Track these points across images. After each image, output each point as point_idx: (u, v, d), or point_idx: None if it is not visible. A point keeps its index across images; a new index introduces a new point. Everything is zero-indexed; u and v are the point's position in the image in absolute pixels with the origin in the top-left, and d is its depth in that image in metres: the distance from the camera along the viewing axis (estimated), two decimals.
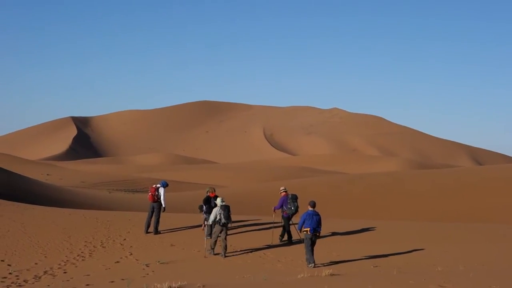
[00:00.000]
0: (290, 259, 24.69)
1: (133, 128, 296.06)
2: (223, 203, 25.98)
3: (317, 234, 23.75)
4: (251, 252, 26.17)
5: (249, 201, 34.28)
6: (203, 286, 17.33)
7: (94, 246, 27.89)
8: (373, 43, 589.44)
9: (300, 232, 24.21)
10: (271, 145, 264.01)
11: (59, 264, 24.74)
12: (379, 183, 62.74)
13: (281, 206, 28.48)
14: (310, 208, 24.11)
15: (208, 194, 28.54)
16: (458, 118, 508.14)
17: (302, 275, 19.21)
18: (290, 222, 28.08)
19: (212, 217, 25.83)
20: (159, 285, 17.14)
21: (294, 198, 28.33)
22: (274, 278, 19.78)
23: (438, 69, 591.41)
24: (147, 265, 24.13)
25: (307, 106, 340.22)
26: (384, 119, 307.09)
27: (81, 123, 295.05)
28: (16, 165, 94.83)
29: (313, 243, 23.59)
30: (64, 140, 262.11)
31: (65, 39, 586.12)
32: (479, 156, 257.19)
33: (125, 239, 29.11)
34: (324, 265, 23.25)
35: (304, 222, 23.72)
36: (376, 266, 22.35)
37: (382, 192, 58.11)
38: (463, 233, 30.52)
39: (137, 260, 25.32)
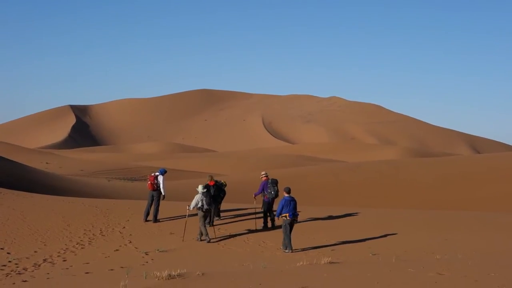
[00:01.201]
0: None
1: (132, 116, 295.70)
2: (204, 190, 26.68)
3: (295, 219, 24.57)
4: (250, 240, 26.24)
5: (249, 190, 34.31)
6: (202, 274, 17.36)
7: (93, 234, 27.94)
8: (372, 32, 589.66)
9: (279, 218, 24.80)
10: (270, 133, 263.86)
11: (59, 252, 24.78)
12: (378, 172, 62.80)
13: (262, 191, 29.06)
14: (286, 194, 24.75)
15: (208, 182, 28.75)
16: (457, 106, 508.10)
17: (301, 263, 19.25)
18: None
19: (193, 203, 26.55)
20: (158, 273, 17.17)
21: (274, 182, 29.03)
22: (273, 266, 19.81)
23: (436, 58, 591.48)
24: (146, 253, 24.18)
25: (306, 95, 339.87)
26: (382, 107, 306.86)
27: (80, 111, 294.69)
28: (15, 153, 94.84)
29: (291, 227, 24.35)
30: (63, 128, 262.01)
31: (64, 28, 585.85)
32: (477, 145, 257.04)
33: (124, 227, 29.16)
34: (304, 250, 23.95)
35: (282, 208, 24.41)
36: (375, 254, 22.38)
37: (381, 181, 58.18)
38: (462, 222, 30.54)
39: (136, 248, 25.37)
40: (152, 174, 30.60)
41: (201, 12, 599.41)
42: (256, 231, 27.90)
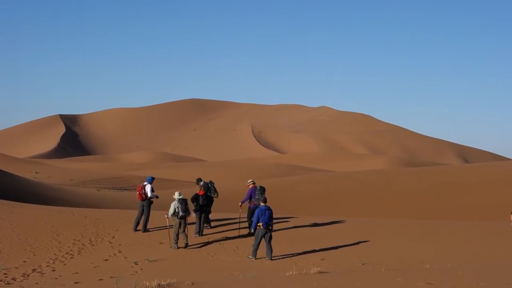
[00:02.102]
0: (278, 257, 24.76)
1: (121, 126, 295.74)
2: (181, 197, 27.35)
3: (270, 228, 24.78)
4: (239, 249, 26.28)
5: (238, 199, 34.33)
6: (192, 284, 17.36)
7: (82, 244, 27.89)
8: (361, 41, 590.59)
9: (255, 229, 24.91)
10: (260, 143, 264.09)
11: (48, 262, 24.72)
12: (367, 181, 62.90)
13: (249, 198, 29.19)
14: (262, 204, 25.18)
15: (198, 192, 28.82)
16: (447, 116, 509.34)
17: (290, 273, 19.27)
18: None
19: (171, 210, 27.10)
20: (148, 283, 17.14)
21: (262, 190, 28.87)
22: (262, 276, 19.82)
23: (426, 67, 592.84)
24: (136, 263, 24.16)
25: (295, 104, 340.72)
26: (372, 117, 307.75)
27: (69, 121, 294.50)
28: (4, 163, 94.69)
29: (269, 237, 24.68)
30: (53, 138, 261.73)
31: (53, 37, 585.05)
32: (467, 154, 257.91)
33: (113, 237, 29.12)
34: (272, 259, 24.32)
35: (258, 218, 24.67)
36: (365, 264, 22.43)
37: (370, 190, 58.27)
38: (452, 231, 30.63)
39: (125, 258, 25.34)
40: (141, 184, 30.58)
41: (190, 22, 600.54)
42: (245, 240, 27.91)
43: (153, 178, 30.96)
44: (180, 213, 27.01)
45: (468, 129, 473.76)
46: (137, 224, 30.16)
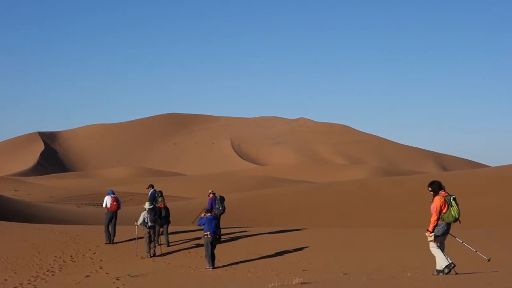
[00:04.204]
0: (260, 268, 24.78)
1: (100, 142, 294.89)
2: (150, 207, 28.43)
3: (217, 237, 25.87)
4: (221, 262, 26.27)
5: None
6: None
7: (63, 260, 27.80)
8: (336, 53, 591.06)
9: (199, 225, 26.57)
10: (239, 156, 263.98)
11: (29, 280, 24.60)
12: (347, 191, 62.96)
13: (211, 207, 30.27)
14: (208, 214, 26.18)
15: (158, 205, 30.55)
16: (424, 125, 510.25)
17: (272, 284, 19.27)
18: None
19: (140, 219, 28.09)
20: None
21: (222, 199, 30.93)
22: None
23: (402, 78, 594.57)
24: (117, 279, 24.09)
25: (274, 117, 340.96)
26: (350, 127, 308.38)
27: (48, 138, 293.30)
28: None
29: (213, 246, 25.50)
30: (32, 155, 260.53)
31: (28, 53, 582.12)
32: (445, 162, 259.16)
33: (95, 253, 29.06)
34: (224, 266, 25.14)
35: (205, 223, 25.82)
36: (346, 274, 22.47)
37: (351, 200, 58.31)
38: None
39: (107, 273, 25.28)
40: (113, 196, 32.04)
41: (167, 36, 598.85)
42: (227, 252, 27.91)
43: (112, 192, 32.46)
44: (149, 223, 27.86)
45: (445, 137, 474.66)
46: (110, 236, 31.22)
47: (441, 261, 18.76)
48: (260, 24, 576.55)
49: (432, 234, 18.70)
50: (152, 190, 32.42)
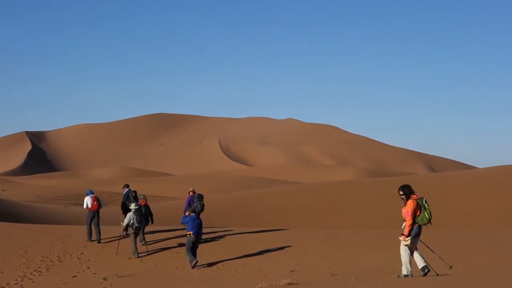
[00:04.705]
0: (248, 269, 24.76)
1: (88, 142, 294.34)
2: (136, 207, 28.45)
3: (199, 237, 26.12)
4: (208, 263, 26.26)
5: (206, 212, 34.38)
6: None
7: (51, 260, 27.72)
8: (325, 53, 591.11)
9: (184, 225, 26.92)
10: (227, 156, 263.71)
11: (16, 280, 24.52)
12: (335, 192, 63.00)
13: (189, 205, 30.89)
14: (193, 213, 26.55)
15: (140, 202, 30.22)
16: (412, 126, 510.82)
17: (260, 285, 19.26)
18: None
19: (126, 221, 28.17)
20: None
21: (200, 197, 31.44)
22: None
23: (391, 79, 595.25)
24: (105, 279, 24.04)
25: (262, 117, 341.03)
26: (338, 128, 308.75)
27: (35, 137, 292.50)
28: None
29: (194, 245, 25.80)
30: (19, 155, 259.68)
31: (16, 53, 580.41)
32: (433, 163, 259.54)
33: (82, 253, 29.00)
34: (209, 265, 25.46)
35: (188, 222, 26.16)
36: (334, 274, 22.47)
37: (338, 201, 58.35)
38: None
39: (94, 274, 25.23)
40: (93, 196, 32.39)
41: (155, 36, 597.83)
42: (215, 253, 27.89)
43: (91, 192, 32.69)
44: (135, 224, 27.95)
45: (434, 138, 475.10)
46: (91, 235, 31.58)
47: (406, 266, 19.02)
48: (248, 24, 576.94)
49: (409, 238, 18.88)
50: (126, 189, 32.41)
